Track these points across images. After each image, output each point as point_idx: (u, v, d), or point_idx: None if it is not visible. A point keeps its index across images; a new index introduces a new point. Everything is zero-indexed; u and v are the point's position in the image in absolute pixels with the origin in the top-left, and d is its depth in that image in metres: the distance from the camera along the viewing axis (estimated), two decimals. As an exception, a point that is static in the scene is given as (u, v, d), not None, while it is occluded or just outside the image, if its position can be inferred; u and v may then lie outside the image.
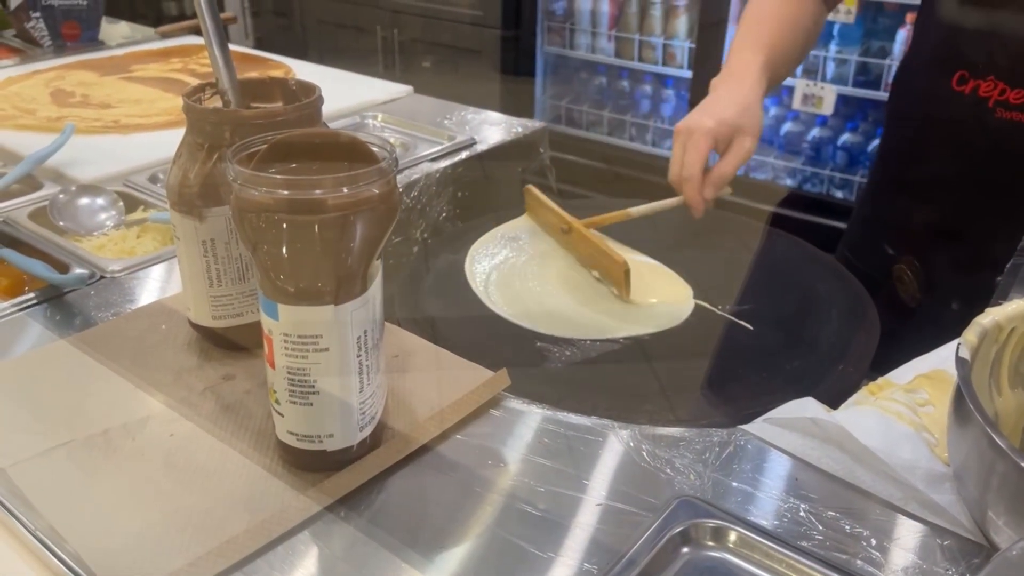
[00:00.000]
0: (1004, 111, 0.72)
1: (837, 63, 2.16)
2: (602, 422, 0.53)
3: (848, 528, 0.43)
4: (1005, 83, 0.72)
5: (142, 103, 1.11)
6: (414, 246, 0.87)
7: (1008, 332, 0.49)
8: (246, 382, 0.54)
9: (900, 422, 0.50)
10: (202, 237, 0.53)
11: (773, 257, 0.80)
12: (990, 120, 0.73)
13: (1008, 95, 0.72)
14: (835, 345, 0.66)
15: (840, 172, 2.27)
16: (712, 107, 0.78)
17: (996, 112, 0.73)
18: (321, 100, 0.53)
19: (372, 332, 0.44)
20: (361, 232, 0.41)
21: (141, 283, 0.68)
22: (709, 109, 0.78)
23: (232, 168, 0.41)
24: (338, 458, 0.46)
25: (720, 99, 0.79)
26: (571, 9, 2.61)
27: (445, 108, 1.14)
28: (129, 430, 0.50)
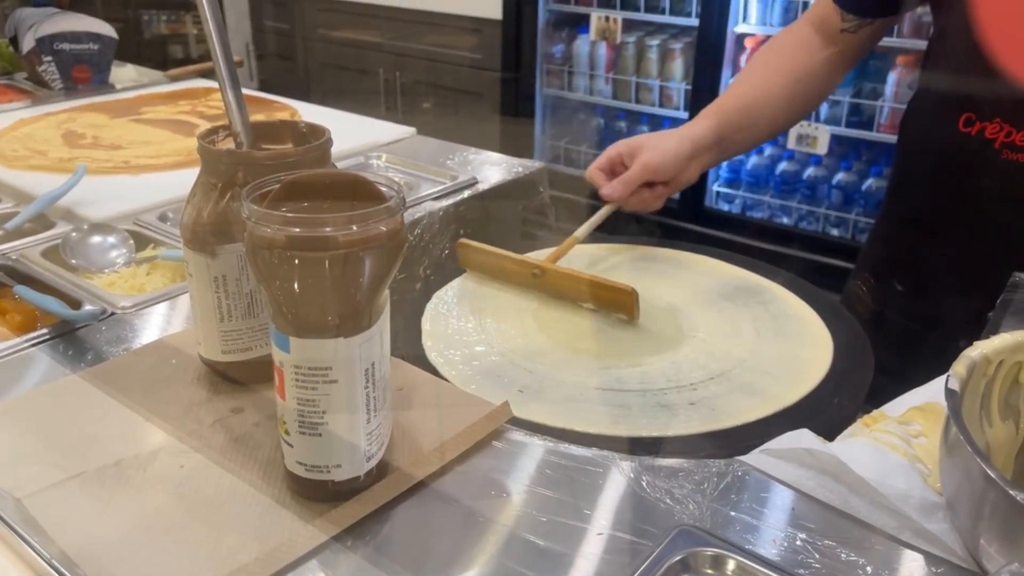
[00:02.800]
0: (1010, 152, 0.74)
1: (830, 104, 2.21)
2: (602, 453, 0.54)
3: (844, 556, 0.44)
4: (1011, 125, 0.73)
5: (152, 144, 1.13)
6: (417, 282, 0.89)
7: (996, 365, 0.51)
8: (254, 415, 0.55)
9: (894, 453, 0.51)
10: (214, 273, 0.54)
11: (765, 291, 0.82)
12: (997, 161, 0.74)
13: (1014, 137, 0.73)
14: (831, 378, 0.67)
15: (836, 211, 2.30)
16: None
17: (1003, 153, 0.74)
18: (330, 142, 0.56)
19: (379, 365, 0.46)
20: (369, 268, 0.43)
21: (150, 319, 0.70)
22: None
23: (247, 206, 0.43)
24: (345, 488, 0.47)
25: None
26: (569, 52, 2.67)
27: (447, 149, 1.17)
28: (140, 461, 0.51)
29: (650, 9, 2.44)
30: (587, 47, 2.60)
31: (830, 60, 0.89)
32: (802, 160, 2.37)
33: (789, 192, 2.39)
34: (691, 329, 0.74)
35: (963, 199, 0.80)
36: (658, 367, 0.68)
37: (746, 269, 0.86)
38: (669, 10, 2.41)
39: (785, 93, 0.90)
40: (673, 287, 0.82)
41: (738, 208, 2.49)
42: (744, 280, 0.84)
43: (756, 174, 2.43)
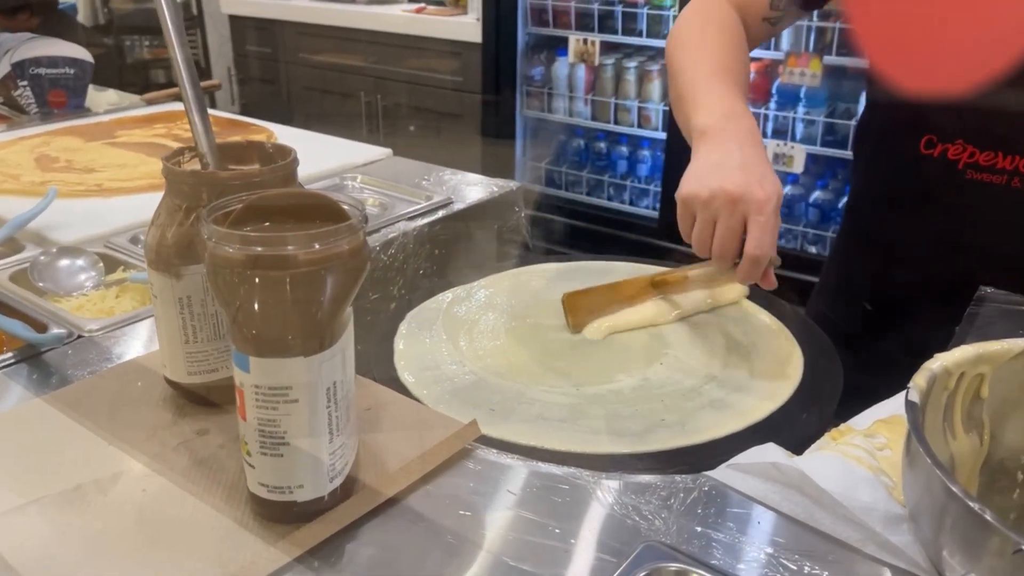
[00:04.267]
0: (975, 172, 0.74)
1: (805, 124, 2.24)
2: (571, 471, 0.53)
3: (808, 570, 0.44)
4: (974, 146, 0.73)
5: (126, 167, 1.13)
6: (391, 302, 0.89)
7: (958, 377, 0.51)
8: (219, 437, 0.55)
9: (859, 466, 0.51)
10: (178, 295, 0.54)
11: (740, 308, 0.82)
12: (962, 182, 0.75)
13: (978, 158, 0.74)
14: (800, 393, 0.68)
15: (813, 228, 2.32)
16: (722, 166, 0.67)
17: (967, 173, 0.74)
18: (296, 162, 0.56)
19: (342, 384, 0.46)
20: (331, 287, 0.43)
21: (118, 342, 0.69)
22: (720, 169, 0.66)
23: (206, 226, 0.43)
24: (309, 509, 0.46)
25: (727, 156, 0.67)
26: (548, 74, 2.70)
27: (424, 170, 1.17)
28: (101, 486, 0.50)
29: (627, 32, 2.47)
30: (566, 69, 2.62)
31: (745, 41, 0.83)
32: (779, 179, 2.39)
33: (767, 211, 2.41)
34: (663, 346, 0.74)
35: (926, 218, 0.81)
36: (629, 384, 0.68)
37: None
38: (646, 32, 2.44)
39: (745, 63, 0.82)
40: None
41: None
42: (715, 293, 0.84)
43: (734, 193, 2.45)
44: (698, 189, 0.66)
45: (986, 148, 0.73)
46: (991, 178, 0.73)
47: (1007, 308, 0.72)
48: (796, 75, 2.15)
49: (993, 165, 0.73)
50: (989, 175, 0.73)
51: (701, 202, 0.66)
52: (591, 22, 2.50)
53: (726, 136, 0.69)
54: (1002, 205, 0.74)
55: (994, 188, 0.73)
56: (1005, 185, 0.73)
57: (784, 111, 2.26)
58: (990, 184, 0.73)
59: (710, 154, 0.68)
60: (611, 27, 2.48)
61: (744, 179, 0.65)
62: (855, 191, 0.94)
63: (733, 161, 0.66)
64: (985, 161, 0.73)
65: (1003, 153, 0.72)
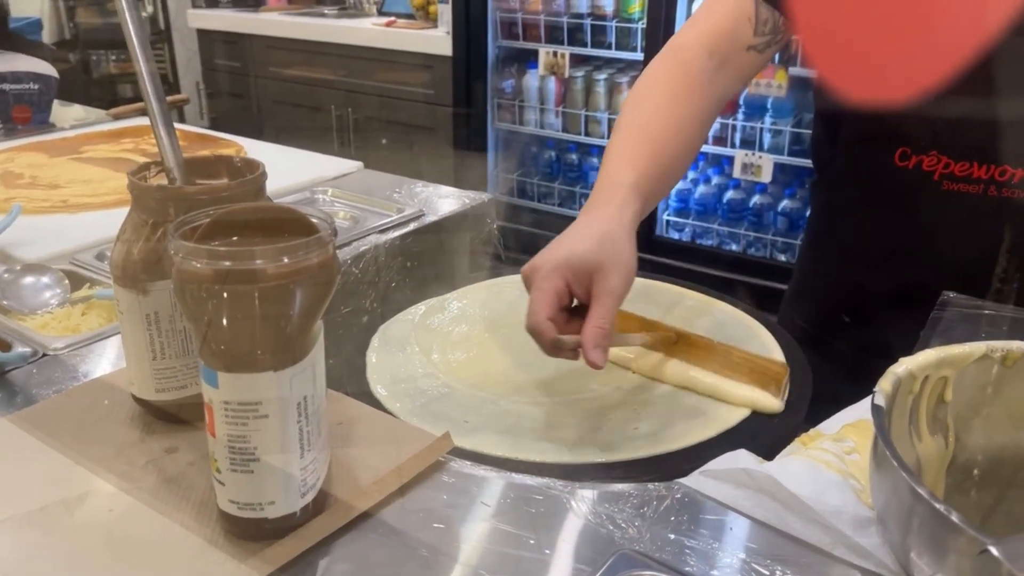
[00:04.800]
0: (950, 183, 0.74)
1: (773, 134, 2.27)
2: (545, 481, 0.54)
3: (780, 574, 0.45)
4: (949, 157, 0.74)
5: (91, 183, 1.12)
6: (364, 316, 0.88)
7: (922, 380, 0.52)
8: (189, 454, 0.54)
9: (828, 470, 0.52)
10: (145, 311, 0.53)
11: (711, 317, 0.83)
12: (937, 193, 0.75)
13: (953, 168, 0.74)
14: (772, 400, 0.68)
15: (782, 236, 2.35)
16: (565, 240, 0.65)
17: (943, 184, 0.75)
18: (264, 176, 0.55)
19: (313, 398, 0.45)
20: (300, 301, 0.43)
21: (85, 360, 0.68)
22: (562, 242, 0.65)
23: (173, 242, 0.42)
24: (280, 525, 0.46)
25: (576, 230, 0.66)
26: (519, 87, 2.71)
27: (395, 182, 1.17)
28: (68, 506, 0.49)
29: (596, 44, 2.50)
30: (536, 82, 2.64)
31: (722, 91, 0.78)
32: (748, 188, 2.43)
33: (736, 219, 2.44)
34: (644, 355, 0.75)
35: (900, 228, 0.81)
36: (602, 392, 0.68)
37: (694, 292, 0.87)
38: (615, 45, 2.46)
39: (695, 143, 0.77)
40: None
41: (688, 236, 2.53)
42: (691, 305, 0.85)
43: (704, 203, 2.48)
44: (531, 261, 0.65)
45: (961, 158, 0.73)
46: (967, 188, 0.74)
47: (969, 312, 0.74)
48: (763, 86, 2.18)
49: (969, 175, 0.73)
50: (965, 185, 0.74)
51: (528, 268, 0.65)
52: (561, 35, 2.53)
53: (581, 218, 0.68)
54: (979, 214, 0.75)
55: (971, 198, 0.74)
56: (982, 194, 0.74)
57: (752, 121, 2.30)
58: (967, 194, 0.74)
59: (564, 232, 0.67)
60: (581, 40, 2.51)
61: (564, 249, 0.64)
62: (821, 203, 0.95)
63: (565, 241, 0.65)
64: (960, 171, 0.74)
65: (978, 163, 0.73)
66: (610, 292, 0.61)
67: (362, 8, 3.38)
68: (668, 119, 0.74)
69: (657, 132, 0.73)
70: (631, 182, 0.68)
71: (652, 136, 0.73)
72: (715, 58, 0.77)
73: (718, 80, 0.77)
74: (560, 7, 2.52)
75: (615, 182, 0.68)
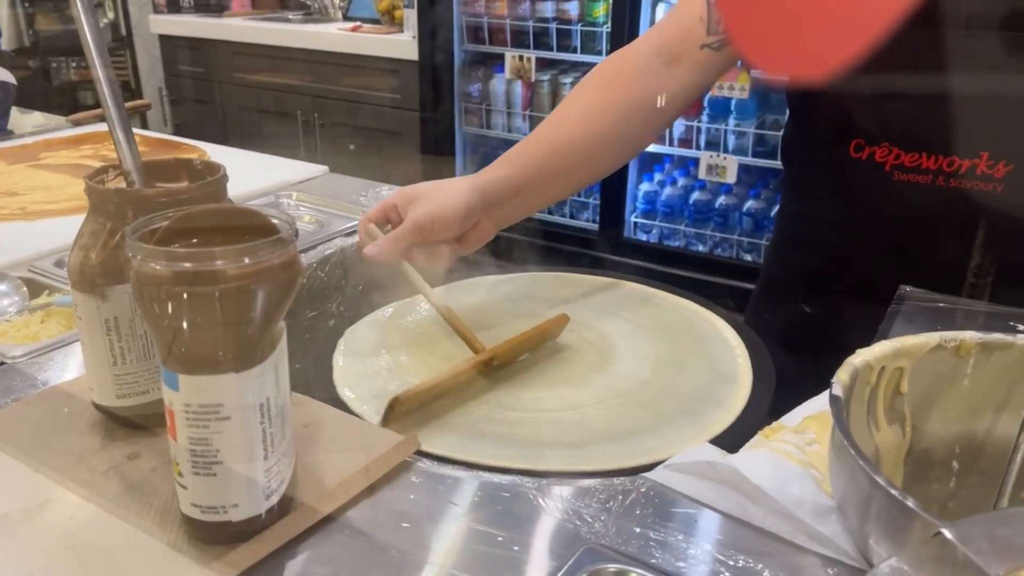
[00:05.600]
0: (901, 174, 0.76)
1: (736, 135, 2.30)
2: (513, 479, 0.54)
3: (743, 563, 0.45)
4: (899, 148, 0.76)
5: (50, 190, 1.10)
6: (330, 319, 0.88)
7: (879, 371, 0.53)
8: (152, 460, 0.53)
9: (790, 461, 0.53)
10: (104, 316, 0.53)
11: (679, 316, 0.84)
12: (889, 183, 0.77)
13: (903, 159, 0.76)
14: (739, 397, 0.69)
15: (747, 237, 2.38)
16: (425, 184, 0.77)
17: (894, 175, 0.77)
18: (225, 178, 0.55)
19: (276, 399, 0.45)
20: (262, 302, 0.43)
21: (44, 368, 0.67)
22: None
23: (131, 243, 0.42)
24: (244, 528, 0.45)
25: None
26: (486, 91, 2.72)
27: (361, 186, 1.17)
28: (28, 515, 0.48)
29: (562, 48, 2.51)
30: (503, 86, 2.65)
31: (675, 86, 0.80)
32: (713, 189, 2.45)
33: (703, 220, 2.47)
34: (604, 355, 0.75)
35: (858, 220, 0.83)
36: (570, 394, 0.69)
37: (662, 291, 0.88)
38: (580, 49, 2.48)
39: (614, 130, 0.80)
40: (592, 315, 0.83)
41: (655, 238, 2.55)
42: (658, 304, 0.86)
43: (671, 204, 2.51)
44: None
45: (911, 149, 0.75)
46: (917, 178, 0.76)
47: (925, 306, 0.75)
48: (726, 89, 2.21)
49: (918, 166, 0.75)
50: (915, 175, 0.76)
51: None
52: (526, 39, 2.54)
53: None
54: (928, 204, 0.77)
55: (920, 188, 0.76)
56: (930, 184, 0.76)
57: (716, 123, 2.33)
58: (916, 184, 0.76)
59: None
60: (546, 44, 2.52)
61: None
62: (787, 199, 0.97)
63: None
64: (910, 162, 0.76)
65: (927, 154, 0.75)
66: (413, 221, 0.72)
67: (327, 13, 3.36)
68: (580, 119, 0.79)
69: (562, 130, 0.80)
70: (508, 160, 0.79)
71: (552, 135, 0.80)
72: (663, 55, 0.80)
73: (668, 73, 0.80)
74: (525, 11, 2.53)
75: (496, 161, 0.80)
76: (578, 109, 0.80)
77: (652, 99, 0.80)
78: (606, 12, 2.38)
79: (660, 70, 0.80)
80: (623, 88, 0.80)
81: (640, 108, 0.80)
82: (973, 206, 0.75)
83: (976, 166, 0.73)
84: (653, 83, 0.80)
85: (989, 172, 0.73)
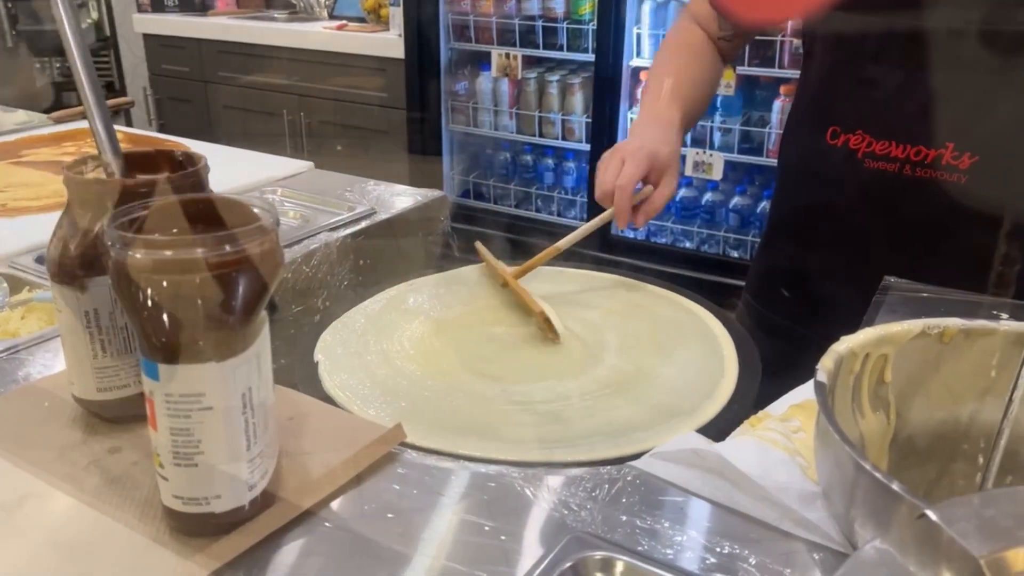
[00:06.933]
0: (872, 161, 0.78)
1: (722, 132, 2.31)
2: (499, 469, 0.54)
3: (728, 549, 0.45)
4: (871, 136, 0.78)
5: (32, 186, 1.09)
6: (315, 314, 0.87)
7: (863, 358, 0.53)
8: (133, 454, 0.53)
9: (775, 448, 0.53)
10: (84, 308, 0.52)
11: (662, 308, 0.84)
12: (861, 170, 0.79)
13: (874, 147, 0.78)
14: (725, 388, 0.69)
15: (734, 233, 2.39)
16: (648, 138, 0.84)
17: (865, 162, 0.79)
18: (207, 169, 0.54)
19: (258, 389, 0.45)
20: (243, 290, 0.42)
21: (24, 364, 0.66)
22: (646, 139, 0.84)
23: (110, 232, 0.41)
24: (227, 520, 0.45)
25: (653, 135, 0.85)
26: (473, 89, 2.71)
27: (346, 181, 1.16)
28: (7, 509, 0.48)
29: (548, 47, 2.51)
30: (490, 84, 2.64)
31: (716, 56, 0.95)
32: (700, 186, 2.46)
33: (689, 217, 2.47)
34: (592, 347, 0.75)
35: (835, 208, 0.84)
36: (557, 386, 0.69)
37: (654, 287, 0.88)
38: (566, 47, 2.48)
39: (710, 93, 0.96)
40: (579, 308, 0.83)
41: (643, 234, 2.56)
42: (650, 298, 0.86)
43: (658, 201, 2.51)
44: (617, 146, 0.85)
45: (882, 137, 0.77)
46: (886, 166, 0.77)
47: (909, 296, 0.75)
48: (712, 85, 2.21)
49: (888, 153, 0.77)
50: (884, 163, 0.77)
51: (615, 149, 0.85)
52: (513, 37, 2.53)
53: (641, 130, 0.88)
54: (896, 191, 0.78)
55: (888, 176, 0.77)
56: (898, 172, 0.77)
57: (702, 120, 2.33)
58: (885, 172, 0.77)
59: (630, 138, 0.88)
60: (532, 42, 2.52)
61: (627, 140, 0.86)
62: (778, 189, 0.98)
63: (645, 139, 0.85)
64: (881, 150, 0.77)
65: (896, 142, 0.76)
66: (671, 189, 0.84)
67: (312, 12, 3.35)
68: (696, 70, 0.94)
69: (687, 81, 0.92)
70: (677, 120, 0.87)
71: (686, 82, 0.92)
72: (705, 37, 0.95)
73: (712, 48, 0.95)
74: (511, 9, 2.52)
75: (670, 112, 0.88)
76: (694, 76, 0.93)
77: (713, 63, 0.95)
78: (592, 10, 2.38)
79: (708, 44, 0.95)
80: (713, 60, 0.95)
81: (709, 76, 0.96)
82: (938, 196, 0.76)
83: (942, 156, 0.74)
84: (708, 52, 0.95)
85: (954, 163, 0.74)
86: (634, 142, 0.84)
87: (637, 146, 0.83)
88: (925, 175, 0.76)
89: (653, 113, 0.88)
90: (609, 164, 0.83)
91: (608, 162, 0.83)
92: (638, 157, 0.81)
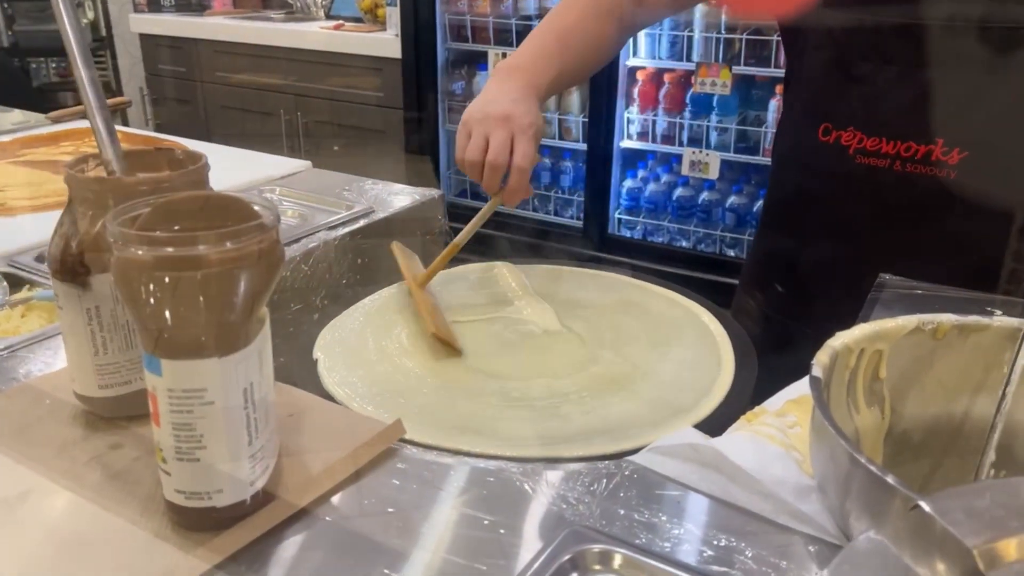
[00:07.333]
0: (863, 157, 0.79)
1: (719, 132, 2.31)
2: (498, 464, 0.54)
3: (725, 542, 0.46)
4: (862, 132, 0.78)
5: (31, 185, 1.09)
6: (314, 313, 0.88)
7: (858, 354, 0.54)
8: (134, 450, 0.53)
9: (771, 443, 0.53)
10: (86, 304, 0.52)
11: (659, 305, 0.84)
12: (853, 167, 0.80)
13: (865, 143, 0.78)
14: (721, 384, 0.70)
15: (730, 232, 2.40)
16: (500, 101, 0.82)
17: (856, 159, 0.79)
18: (207, 167, 0.55)
19: (260, 384, 0.45)
20: (244, 286, 0.43)
21: (25, 361, 0.67)
22: (499, 102, 0.82)
23: (112, 228, 0.42)
24: (229, 515, 0.45)
25: (506, 94, 0.83)
26: (470, 89, 2.72)
27: (344, 180, 1.17)
28: (8, 505, 0.48)
29: (545, 45, 2.51)
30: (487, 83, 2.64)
31: (608, 35, 0.92)
32: (696, 185, 2.47)
33: (686, 216, 2.48)
34: (587, 345, 0.76)
35: (828, 204, 0.85)
36: (555, 383, 0.69)
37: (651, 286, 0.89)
38: (564, 46, 2.48)
39: (602, 55, 0.93)
40: (575, 305, 0.83)
41: (639, 234, 2.56)
42: (647, 297, 0.86)
43: (654, 200, 2.52)
44: (474, 112, 0.82)
45: (872, 134, 0.78)
46: (877, 162, 0.78)
47: (904, 293, 0.76)
48: (708, 85, 2.22)
49: (878, 150, 0.78)
50: (875, 159, 0.78)
51: (476, 121, 0.81)
52: (510, 37, 2.54)
53: (502, 82, 0.85)
54: (886, 187, 0.79)
55: (879, 172, 0.78)
56: (888, 168, 0.78)
57: (698, 120, 2.34)
58: (876, 168, 0.78)
59: (488, 92, 0.85)
60: (529, 41, 2.52)
61: (512, 108, 0.81)
62: (772, 186, 0.99)
63: (504, 97, 0.82)
64: (871, 146, 0.78)
65: (887, 138, 0.77)
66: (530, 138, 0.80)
67: (309, 12, 3.35)
68: (569, 27, 0.91)
69: (560, 35, 0.90)
70: (543, 85, 0.86)
71: (557, 38, 0.89)
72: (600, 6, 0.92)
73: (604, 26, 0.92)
74: (508, 9, 2.53)
75: (532, 80, 0.85)
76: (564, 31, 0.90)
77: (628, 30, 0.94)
78: (588, 9, 2.39)
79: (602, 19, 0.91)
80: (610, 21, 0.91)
81: (619, 38, 0.94)
82: (929, 191, 0.77)
83: (932, 152, 0.75)
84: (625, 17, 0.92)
85: (944, 159, 0.75)
86: (485, 106, 0.82)
87: (490, 111, 0.81)
88: (915, 170, 0.76)
89: (522, 61, 0.87)
90: (475, 136, 0.80)
91: (475, 132, 0.80)
92: (529, 135, 0.80)
